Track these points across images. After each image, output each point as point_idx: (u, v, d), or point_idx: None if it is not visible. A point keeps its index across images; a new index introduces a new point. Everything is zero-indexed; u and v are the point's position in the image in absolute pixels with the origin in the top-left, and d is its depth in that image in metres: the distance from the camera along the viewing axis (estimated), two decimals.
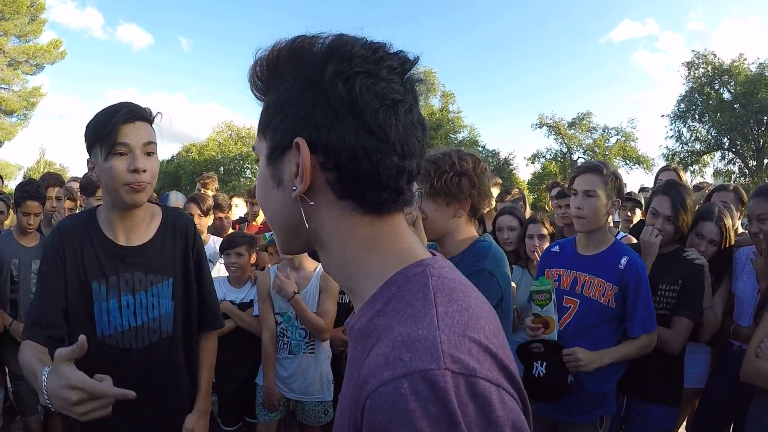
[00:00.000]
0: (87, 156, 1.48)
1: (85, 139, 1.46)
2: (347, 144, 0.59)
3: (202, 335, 1.72)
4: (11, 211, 3.65)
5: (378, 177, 0.60)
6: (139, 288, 1.52)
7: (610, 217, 2.22)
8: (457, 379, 0.49)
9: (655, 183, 3.70)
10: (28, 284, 2.91)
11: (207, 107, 68.49)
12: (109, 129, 1.38)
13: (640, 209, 3.67)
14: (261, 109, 0.66)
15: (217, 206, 3.71)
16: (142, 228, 1.55)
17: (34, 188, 2.95)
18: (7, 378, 3.15)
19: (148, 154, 1.44)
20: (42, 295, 1.46)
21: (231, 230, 3.88)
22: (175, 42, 65.14)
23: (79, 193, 3.48)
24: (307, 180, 0.60)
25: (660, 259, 2.30)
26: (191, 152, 35.71)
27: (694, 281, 2.27)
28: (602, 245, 2.12)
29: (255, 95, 0.68)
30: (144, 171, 1.41)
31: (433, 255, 0.67)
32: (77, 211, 3.47)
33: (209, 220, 3.53)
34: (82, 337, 1.10)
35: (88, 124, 1.46)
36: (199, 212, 3.38)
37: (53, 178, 3.40)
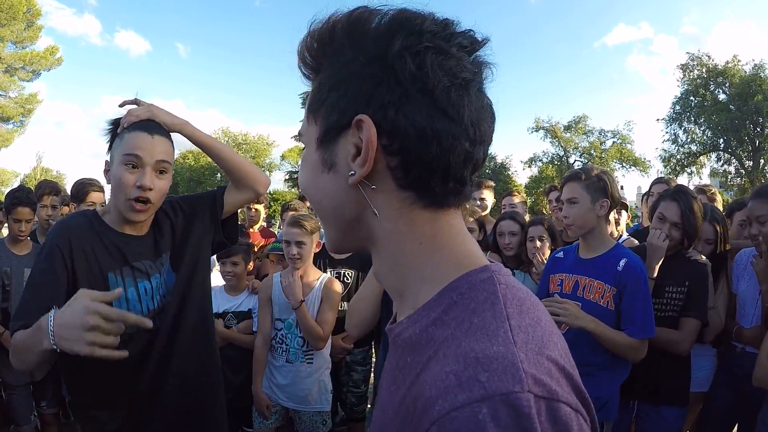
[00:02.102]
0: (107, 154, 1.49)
1: (108, 135, 1.47)
2: (417, 125, 0.52)
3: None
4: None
5: (447, 164, 0.54)
6: (153, 272, 1.53)
7: (614, 221, 2.22)
8: (540, 403, 0.43)
9: (648, 195, 3.67)
10: (19, 293, 2.85)
11: (204, 113, 68.65)
12: (126, 131, 1.39)
13: (626, 210, 3.67)
14: (310, 89, 0.60)
15: None
16: (142, 223, 1.54)
17: (25, 194, 2.91)
18: (0, 388, 3.11)
19: (161, 171, 1.42)
20: (31, 295, 1.39)
21: None
22: (172, 49, 65.57)
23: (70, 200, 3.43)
24: (371, 162, 0.53)
25: (665, 261, 2.29)
26: (188, 159, 35.67)
27: (699, 282, 2.28)
28: (602, 248, 2.12)
29: (303, 73, 0.61)
30: (150, 189, 1.39)
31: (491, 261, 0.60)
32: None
33: None
34: (119, 289, 1.17)
35: (113, 120, 1.45)
36: None
37: (48, 186, 3.34)
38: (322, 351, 2.63)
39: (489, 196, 4.02)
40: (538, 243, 2.88)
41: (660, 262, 2.28)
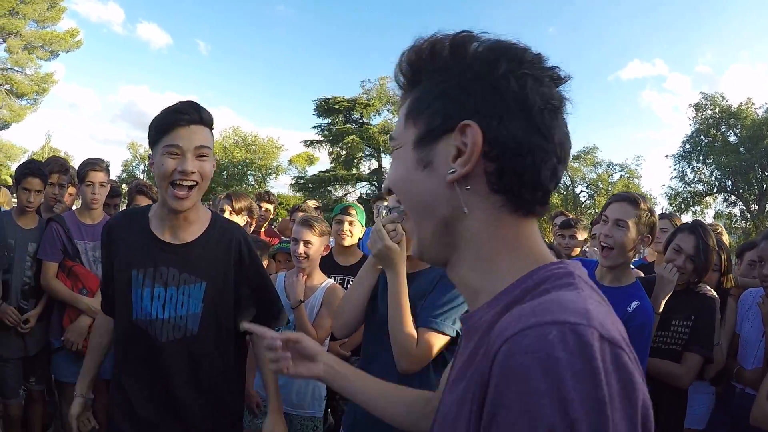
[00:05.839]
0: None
1: (149, 138, 1.55)
2: (516, 137, 0.59)
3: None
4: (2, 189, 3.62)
5: (537, 176, 0.61)
6: (171, 283, 1.58)
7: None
8: (604, 344, 0.46)
9: None
10: (22, 267, 2.86)
11: (217, 111, 68.71)
12: (164, 129, 1.48)
13: (586, 231, 3.66)
14: (410, 98, 0.67)
15: (249, 211, 3.53)
16: (187, 229, 1.60)
17: (36, 167, 2.94)
18: None
19: (200, 156, 1.50)
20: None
21: None
22: (193, 45, 65.82)
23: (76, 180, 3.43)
24: (472, 163, 0.60)
25: (674, 294, 2.26)
26: None
27: (706, 317, 2.26)
28: (623, 281, 2.03)
29: (400, 83, 0.69)
30: (192, 172, 1.47)
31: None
32: (79, 198, 3.43)
33: (240, 221, 3.41)
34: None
35: (151, 122, 1.54)
36: (231, 209, 3.31)
37: (57, 164, 3.32)
38: None
39: None
40: None
41: (668, 296, 2.24)
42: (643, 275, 2.80)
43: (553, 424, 0.42)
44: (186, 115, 1.48)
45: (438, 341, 1.52)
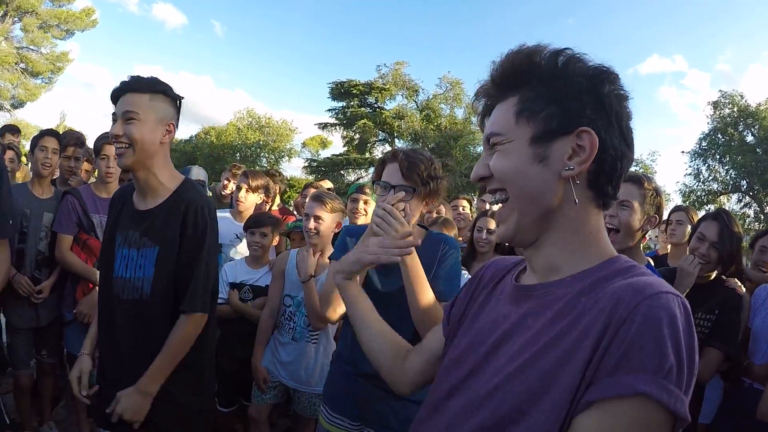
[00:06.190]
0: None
1: None
2: (615, 145, 0.76)
3: (181, 315, 1.71)
4: (21, 164, 3.67)
5: (619, 177, 0.79)
6: (134, 245, 1.73)
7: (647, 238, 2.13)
8: (680, 302, 0.67)
9: (667, 224, 3.62)
10: (36, 236, 2.88)
11: (232, 93, 68.85)
12: (113, 101, 1.69)
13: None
14: (517, 97, 0.79)
15: (266, 190, 3.51)
16: (153, 196, 1.75)
17: (53, 130, 3.12)
18: (4, 330, 3.13)
19: (127, 120, 1.64)
20: None
21: None
22: (209, 26, 65.81)
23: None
24: (587, 164, 0.75)
25: (699, 288, 2.22)
26: (210, 135, 35.80)
27: (730, 312, 2.22)
28: None
29: (498, 80, 0.82)
30: (118, 135, 1.63)
31: None
32: (94, 173, 3.48)
33: (257, 198, 3.40)
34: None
35: None
36: (247, 187, 3.30)
37: (74, 138, 3.35)
38: (329, 335, 2.61)
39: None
40: (486, 235, 3.08)
41: (688, 289, 2.20)
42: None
43: (671, 362, 0.62)
44: (124, 86, 1.67)
45: None
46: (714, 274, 2.32)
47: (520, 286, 0.84)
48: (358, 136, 30.76)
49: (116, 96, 1.66)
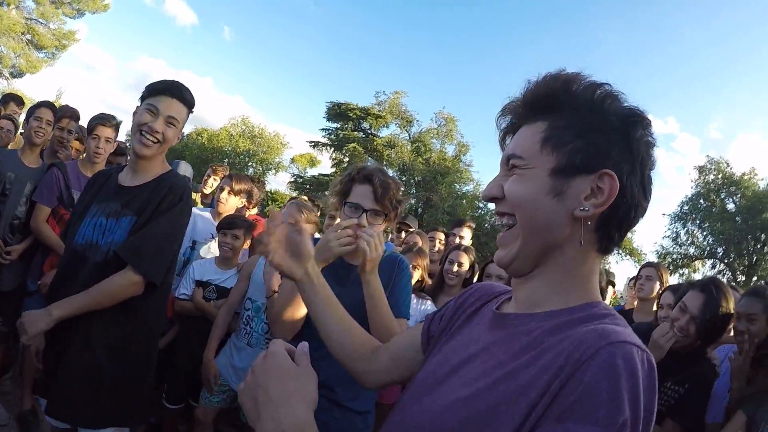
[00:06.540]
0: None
1: (142, 93, 1.87)
2: (633, 193, 0.73)
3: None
4: (18, 134, 3.64)
5: (628, 226, 0.75)
6: (111, 216, 1.83)
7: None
8: (649, 357, 0.64)
9: (636, 279, 3.67)
10: (17, 201, 2.87)
11: (231, 98, 68.84)
12: (155, 92, 1.83)
13: (613, 287, 3.65)
14: (546, 123, 0.76)
15: (249, 195, 3.48)
16: (142, 175, 1.89)
17: (49, 102, 3.11)
18: None
19: (169, 123, 1.83)
20: None
21: None
22: (218, 29, 66.05)
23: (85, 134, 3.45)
24: (604, 207, 0.72)
25: (673, 355, 2.11)
26: (202, 136, 35.65)
27: (702, 389, 2.12)
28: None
29: (531, 102, 0.79)
30: (158, 132, 1.80)
31: None
32: (83, 152, 3.46)
33: (239, 202, 3.39)
34: None
35: (149, 84, 1.87)
36: (230, 189, 3.28)
37: (70, 111, 3.37)
38: None
39: (468, 235, 4.31)
40: (456, 268, 3.13)
41: (658, 360, 2.15)
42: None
43: (626, 416, 0.58)
44: (175, 90, 1.84)
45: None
46: (696, 346, 2.18)
47: (498, 314, 0.84)
48: (347, 159, 30.86)
49: (162, 92, 1.82)
